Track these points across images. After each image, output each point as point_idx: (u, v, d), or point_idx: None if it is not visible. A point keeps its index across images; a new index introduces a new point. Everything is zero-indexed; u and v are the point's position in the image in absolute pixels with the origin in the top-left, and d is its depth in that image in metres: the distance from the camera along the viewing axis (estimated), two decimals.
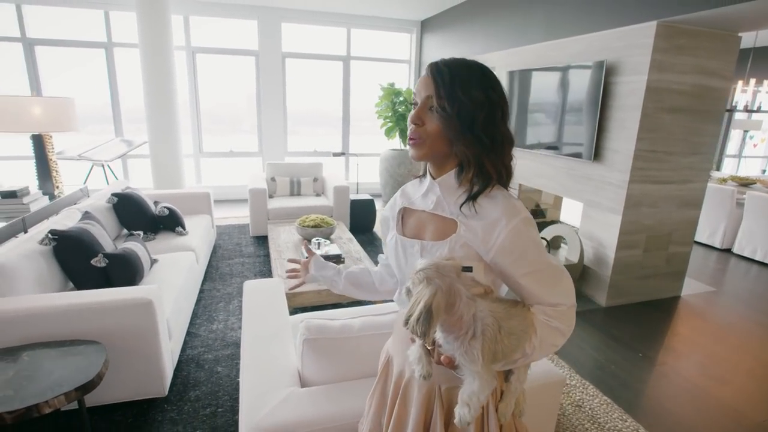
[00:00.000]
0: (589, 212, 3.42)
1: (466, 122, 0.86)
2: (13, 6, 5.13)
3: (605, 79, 3.09)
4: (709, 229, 4.91)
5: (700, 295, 3.56)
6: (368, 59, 6.67)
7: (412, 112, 0.91)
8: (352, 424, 1.25)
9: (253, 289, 2.13)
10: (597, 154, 3.26)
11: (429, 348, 0.90)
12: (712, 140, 3.21)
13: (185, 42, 5.78)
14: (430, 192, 0.96)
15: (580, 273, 3.42)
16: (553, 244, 3.67)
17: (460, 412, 0.85)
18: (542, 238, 3.50)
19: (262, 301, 2.00)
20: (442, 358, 0.87)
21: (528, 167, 4.21)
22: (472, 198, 0.90)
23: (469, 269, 0.91)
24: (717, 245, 4.85)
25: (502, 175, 0.92)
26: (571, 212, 4.56)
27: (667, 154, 3.06)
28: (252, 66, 6.19)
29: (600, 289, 3.31)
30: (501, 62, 4.62)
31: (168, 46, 5.05)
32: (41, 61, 5.44)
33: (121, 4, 5.30)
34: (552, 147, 3.77)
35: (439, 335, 0.87)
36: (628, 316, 3.16)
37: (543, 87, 3.87)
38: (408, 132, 0.92)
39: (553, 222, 4.46)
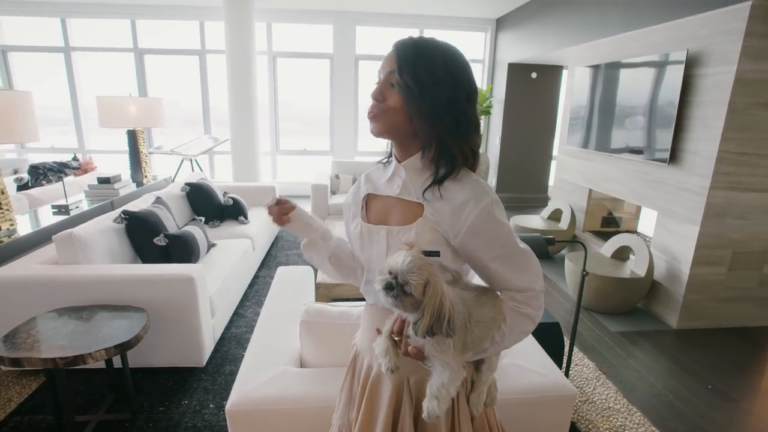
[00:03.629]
0: (663, 221, 3.05)
1: (428, 99, 0.83)
2: (129, 21, 5.95)
3: (685, 71, 2.74)
4: None
5: None
6: None
7: (374, 88, 0.89)
8: (333, 409, 1.26)
9: (284, 273, 2.23)
10: (673, 156, 2.90)
11: (396, 339, 0.87)
12: None
13: (267, 47, 6.23)
14: (396, 176, 0.94)
15: (649, 289, 3.05)
16: (619, 255, 3.32)
17: (429, 406, 0.82)
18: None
19: (289, 286, 2.10)
20: (409, 348, 0.84)
21: (597, 170, 3.87)
22: (438, 182, 0.87)
23: (436, 254, 0.88)
24: None
25: (468, 158, 0.89)
26: (650, 223, 4.10)
27: (761, 157, 2.62)
28: (327, 68, 6.48)
29: (671, 309, 2.93)
30: (575, 57, 4.31)
31: (251, 52, 5.49)
32: (148, 67, 6.23)
33: (213, 15, 5.88)
34: (624, 148, 3.43)
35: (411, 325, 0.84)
36: (703, 342, 2.75)
37: (615, 82, 3.54)
38: (368, 107, 0.90)
39: (627, 232, 4.04)
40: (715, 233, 2.74)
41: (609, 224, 4.27)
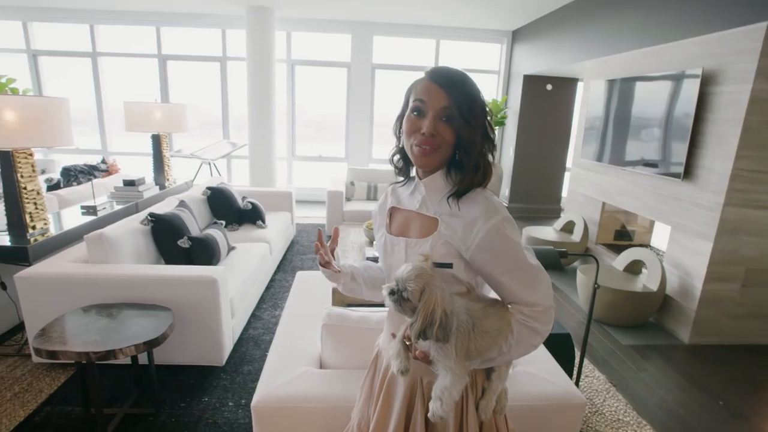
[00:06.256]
0: (677, 237, 3.07)
1: (480, 130, 0.92)
2: (154, 28, 6.15)
3: (701, 89, 2.78)
4: None
5: None
6: None
7: (426, 122, 0.90)
8: (352, 408, 1.32)
9: (303, 278, 2.32)
10: (688, 172, 2.92)
11: (408, 344, 0.94)
12: None
13: (286, 55, 6.38)
14: (416, 191, 1.02)
15: (661, 304, 3.07)
16: (632, 269, 3.34)
17: (433, 406, 0.88)
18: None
19: (308, 290, 2.17)
20: (417, 352, 0.91)
21: (610, 183, 3.90)
22: (462, 193, 0.93)
23: (449, 266, 0.95)
24: None
25: (487, 174, 0.96)
26: (664, 237, 4.10)
27: None
28: (344, 77, 6.60)
29: (683, 324, 2.94)
30: (591, 71, 4.36)
31: (271, 60, 5.64)
32: (171, 73, 6.42)
33: (235, 24, 6.04)
34: (638, 163, 3.46)
35: None
36: (715, 358, 2.76)
37: (630, 97, 3.57)
38: (417, 141, 0.92)
39: (640, 245, 4.04)
40: (728, 249, 2.75)
41: (622, 237, 4.28)
